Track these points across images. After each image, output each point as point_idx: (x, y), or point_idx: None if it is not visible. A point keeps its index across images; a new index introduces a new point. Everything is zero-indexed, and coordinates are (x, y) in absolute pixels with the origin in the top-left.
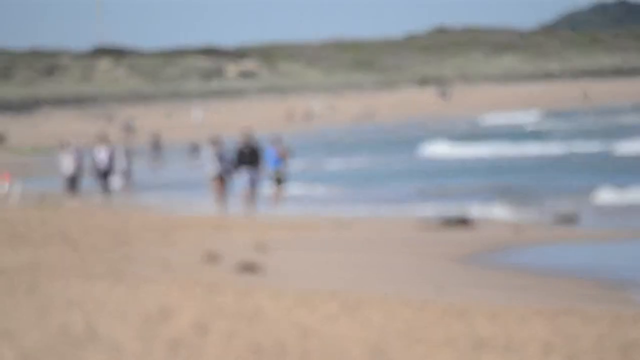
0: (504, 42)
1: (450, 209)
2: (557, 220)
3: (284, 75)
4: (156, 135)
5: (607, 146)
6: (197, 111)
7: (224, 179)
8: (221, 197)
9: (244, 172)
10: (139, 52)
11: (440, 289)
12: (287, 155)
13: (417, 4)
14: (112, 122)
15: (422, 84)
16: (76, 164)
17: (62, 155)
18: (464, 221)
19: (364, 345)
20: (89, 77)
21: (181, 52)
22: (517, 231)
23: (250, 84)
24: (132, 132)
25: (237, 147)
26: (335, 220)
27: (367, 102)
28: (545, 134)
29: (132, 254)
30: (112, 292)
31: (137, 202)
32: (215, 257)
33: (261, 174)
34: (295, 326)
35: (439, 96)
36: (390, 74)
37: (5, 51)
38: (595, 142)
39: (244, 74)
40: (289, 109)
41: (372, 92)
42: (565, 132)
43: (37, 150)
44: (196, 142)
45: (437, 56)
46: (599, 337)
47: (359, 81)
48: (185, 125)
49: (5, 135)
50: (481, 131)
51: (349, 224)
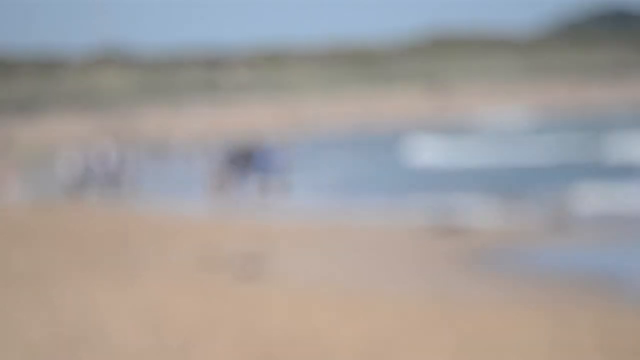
0: (501, 43)
1: (444, 214)
2: (548, 224)
3: (284, 78)
4: (161, 139)
5: (598, 148)
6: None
7: (225, 179)
8: (221, 195)
9: (243, 176)
10: (141, 51)
11: (440, 289)
12: (287, 161)
13: (414, 3)
14: (114, 122)
15: (420, 85)
16: (83, 166)
17: (66, 156)
18: (458, 227)
19: (367, 344)
20: (89, 78)
21: (182, 51)
22: (511, 236)
23: (248, 88)
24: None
25: (234, 152)
26: (331, 225)
27: (366, 106)
28: (537, 137)
29: (133, 256)
30: (114, 292)
31: (137, 202)
32: (215, 260)
33: (258, 177)
34: (295, 326)
35: (435, 97)
36: (388, 74)
37: (6, 51)
38: (587, 145)
39: (243, 77)
40: (288, 113)
41: (371, 95)
42: (556, 136)
43: (40, 151)
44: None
45: (435, 57)
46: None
47: (359, 83)
48: (187, 127)
49: (12, 137)
50: (473, 132)
51: (347, 229)
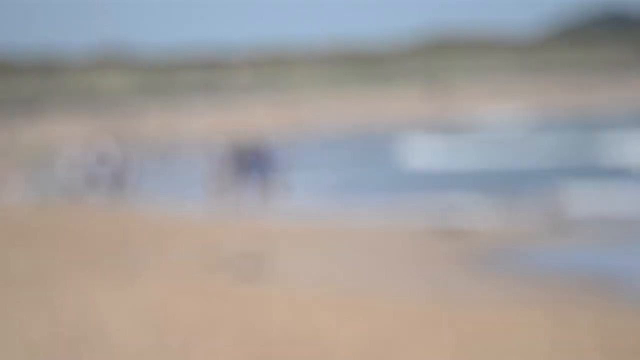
0: (501, 44)
1: (444, 214)
2: (548, 224)
3: (284, 79)
4: (162, 139)
5: (597, 148)
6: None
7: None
8: (222, 195)
9: (243, 176)
10: (141, 51)
11: (440, 289)
12: (287, 161)
13: (414, 3)
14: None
15: (421, 85)
16: (83, 166)
17: (66, 156)
18: (458, 227)
19: (367, 344)
20: (90, 78)
21: (182, 51)
22: (510, 236)
23: (249, 88)
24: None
25: (235, 152)
26: (331, 225)
27: (366, 106)
28: (537, 137)
29: (133, 256)
30: (114, 292)
31: (137, 202)
32: (215, 260)
33: (259, 178)
34: (295, 326)
35: (435, 97)
36: (388, 74)
37: (6, 51)
38: (586, 145)
39: (243, 78)
40: (288, 113)
41: (372, 95)
42: (556, 136)
43: (41, 151)
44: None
45: (435, 57)
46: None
47: (359, 84)
48: (187, 127)
49: (13, 137)
50: (473, 132)
51: (347, 230)
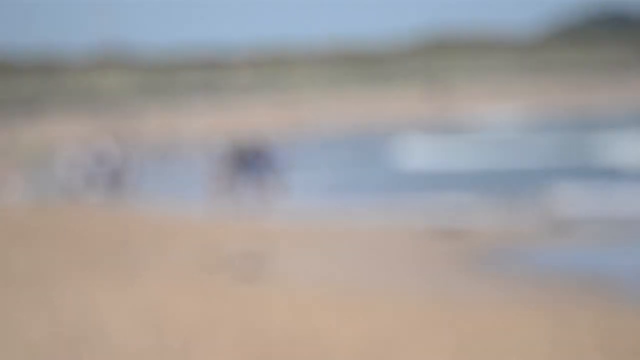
0: (501, 44)
1: (443, 215)
2: (547, 224)
3: (284, 79)
4: (162, 139)
5: (597, 149)
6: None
7: (227, 179)
8: (221, 195)
9: (243, 176)
10: (141, 51)
11: (440, 289)
12: (287, 161)
13: (414, 3)
14: (114, 123)
15: (421, 85)
16: (83, 166)
17: (66, 156)
18: (458, 227)
19: (367, 344)
20: (90, 78)
21: (182, 51)
22: (510, 236)
23: (249, 88)
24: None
25: (234, 152)
26: (331, 225)
27: (366, 106)
28: (536, 137)
29: (133, 256)
30: (114, 292)
31: (137, 202)
32: (215, 260)
33: (259, 178)
34: (295, 326)
35: (435, 97)
36: (388, 74)
37: (6, 51)
38: (585, 145)
39: (243, 78)
40: (288, 113)
41: (372, 95)
42: (555, 136)
43: (41, 151)
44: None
45: (435, 57)
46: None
47: (359, 84)
48: (187, 127)
49: (13, 137)
50: (473, 132)
51: (346, 230)
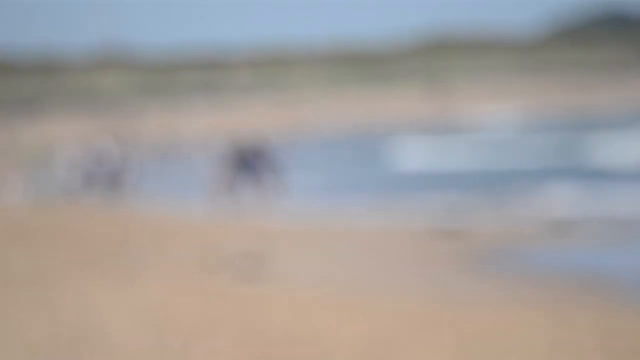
0: (501, 44)
1: (443, 215)
2: (547, 225)
3: (284, 79)
4: (162, 139)
5: (596, 149)
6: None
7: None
8: (221, 195)
9: (243, 176)
10: (141, 51)
11: (440, 289)
12: (287, 161)
13: (414, 3)
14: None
15: (420, 85)
16: (83, 165)
17: (66, 156)
18: (457, 227)
19: (367, 344)
20: (90, 78)
21: (182, 51)
22: (510, 236)
23: (249, 88)
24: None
25: (234, 152)
26: (331, 226)
27: (366, 106)
28: (536, 138)
29: (133, 256)
30: (114, 292)
31: (137, 202)
32: (215, 260)
33: (259, 178)
34: (295, 326)
35: (435, 97)
36: (388, 74)
37: (6, 51)
38: (585, 146)
39: (243, 78)
40: (288, 113)
41: (372, 95)
42: (554, 136)
43: (41, 150)
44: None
45: (435, 57)
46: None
47: (359, 84)
48: (187, 127)
49: (13, 137)
50: (472, 132)
51: (346, 230)
